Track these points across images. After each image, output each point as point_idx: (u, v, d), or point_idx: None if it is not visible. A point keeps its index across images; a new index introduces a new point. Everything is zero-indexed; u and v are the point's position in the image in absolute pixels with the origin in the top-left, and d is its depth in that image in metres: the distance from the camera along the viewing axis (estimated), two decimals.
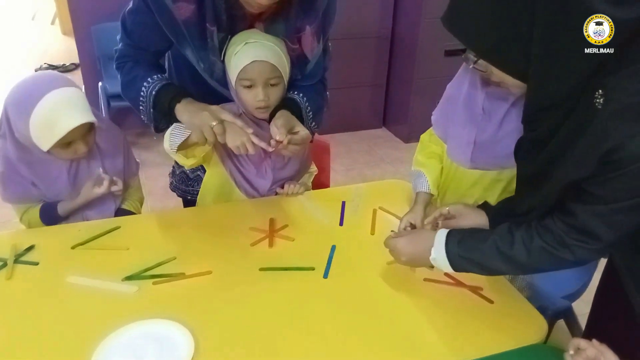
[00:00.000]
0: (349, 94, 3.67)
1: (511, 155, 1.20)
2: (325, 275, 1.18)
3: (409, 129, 3.59)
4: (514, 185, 1.24)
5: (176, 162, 1.70)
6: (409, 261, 1.10)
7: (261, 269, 1.19)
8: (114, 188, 1.37)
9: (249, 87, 1.26)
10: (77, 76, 3.84)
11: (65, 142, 1.26)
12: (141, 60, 1.34)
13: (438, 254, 1.03)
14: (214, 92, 1.37)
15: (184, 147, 1.27)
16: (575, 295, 1.53)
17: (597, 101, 0.79)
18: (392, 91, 3.75)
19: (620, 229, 0.85)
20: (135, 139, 3.42)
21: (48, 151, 1.26)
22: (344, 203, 1.46)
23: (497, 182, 1.28)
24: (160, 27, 1.23)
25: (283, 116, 1.28)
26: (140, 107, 1.32)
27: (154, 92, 1.29)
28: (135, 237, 1.30)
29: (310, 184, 1.61)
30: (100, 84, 3.15)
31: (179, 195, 1.72)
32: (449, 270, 1.03)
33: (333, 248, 1.27)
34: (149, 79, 1.30)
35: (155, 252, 1.23)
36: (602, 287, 1.22)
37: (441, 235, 1.04)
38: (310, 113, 1.40)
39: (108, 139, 1.42)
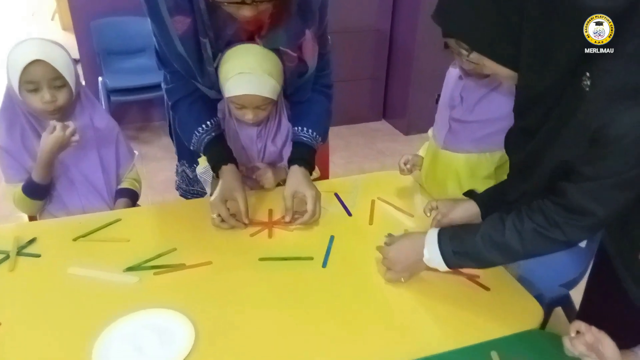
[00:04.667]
0: (349, 87, 3.67)
1: (479, 142, 1.29)
2: (324, 265, 1.19)
3: (409, 121, 3.59)
4: (481, 172, 1.29)
5: (178, 160, 1.73)
6: (404, 268, 1.11)
7: (261, 259, 1.20)
8: (68, 131, 1.32)
9: (239, 108, 1.31)
10: None
11: (33, 88, 1.30)
12: (191, 93, 1.38)
13: (431, 253, 1.04)
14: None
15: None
16: (573, 283, 1.54)
17: (585, 84, 0.80)
18: (392, 84, 3.75)
19: (610, 205, 0.86)
20: (136, 134, 3.43)
21: (26, 103, 1.32)
22: (337, 195, 1.48)
23: (465, 166, 1.35)
24: None
25: (290, 184, 1.34)
26: (191, 148, 1.42)
27: (201, 148, 1.39)
28: (136, 229, 1.32)
29: None
30: (100, 79, 3.15)
31: (181, 195, 1.74)
32: (444, 268, 1.04)
33: (332, 238, 1.28)
34: (197, 130, 1.37)
35: (155, 244, 1.24)
36: (595, 271, 1.23)
37: (432, 234, 1.06)
38: (320, 138, 1.45)
39: (102, 126, 1.47)
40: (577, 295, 1.53)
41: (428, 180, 1.48)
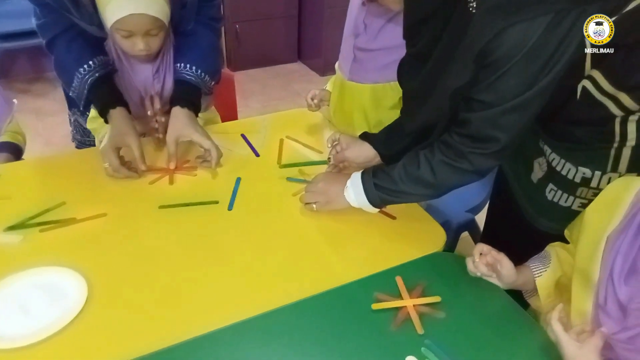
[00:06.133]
0: (262, 26, 3.52)
1: (384, 70, 1.27)
2: (230, 208, 1.14)
3: (324, 61, 3.53)
4: (387, 103, 1.28)
5: (69, 109, 1.58)
6: (322, 192, 1.09)
7: (161, 207, 1.13)
8: None
9: (127, 36, 1.16)
10: None
11: None
12: (68, 29, 1.21)
13: (355, 188, 1.03)
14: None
15: None
16: (478, 208, 1.61)
17: (471, 5, 0.78)
18: (305, 23, 3.64)
19: (511, 129, 0.87)
20: (27, 86, 3.11)
21: None
22: (244, 136, 1.42)
23: (371, 97, 1.33)
24: None
25: (172, 129, 1.23)
26: (71, 94, 1.28)
27: (85, 91, 1.24)
28: (18, 185, 1.19)
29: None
30: None
31: (77, 147, 1.61)
32: (366, 205, 1.03)
33: (238, 180, 1.23)
34: (79, 71, 1.22)
35: (41, 199, 1.13)
36: (495, 195, 1.28)
37: (355, 173, 1.05)
38: (207, 77, 1.32)
39: None
40: (483, 218, 1.61)
41: (336, 115, 1.45)
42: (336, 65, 1.46)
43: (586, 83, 0.87)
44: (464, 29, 0.80)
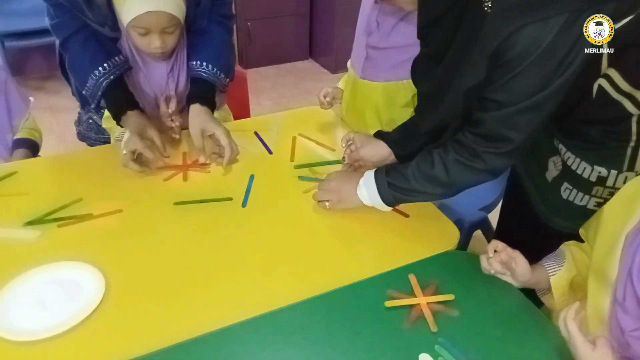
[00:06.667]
0: (273, 24, 3.53)
1: (396, 68, 1.27)
2: (244, 205, 1.15)
3: (336, 59, 3.53)
4: (399, 101, 1.28)
5: (81, 107, 1.59)
6: (335, 190, 1.09)
7: (176, 203, 1.14)
8: None
9: (144, 34, 1.17)
10: None
11: None
12: (82, 28, 1.23)
13: (368, 187, 1.03)
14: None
15: None
16: (491, 206, 1.60)
17: (486, 5, 0.78)
18: (317, 20, 3.64)
19: (524, 129, 0.87)
20: (41, 84, 3.14)
21: None
22: (257, 133, 1.43)
23: (383, 95, 1.33)
24: None
25: (196, 123, 1.24)
26: (84, 92, 1.29)
27: (99, 93, 1.25)
28: (36, 181, 1.21)
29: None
30: None
31: (89, 145, 1.62)
32: (379, 203, 1.04)
33: (251, 177, 1.24)
34: (94, 73, 1.23)
35: (59, 195, 1.14)
36: (508, 193, 1.28)
37: (368, 172, 1.05)
38: (222, 75, 1.33)
39: None
40: (496, 217, 1.60)
41: (348, 113, 1.45)
42: (348, 63, 1.46)
43: (602, 82, 0.86)
44: (478, 29, 0.79)
